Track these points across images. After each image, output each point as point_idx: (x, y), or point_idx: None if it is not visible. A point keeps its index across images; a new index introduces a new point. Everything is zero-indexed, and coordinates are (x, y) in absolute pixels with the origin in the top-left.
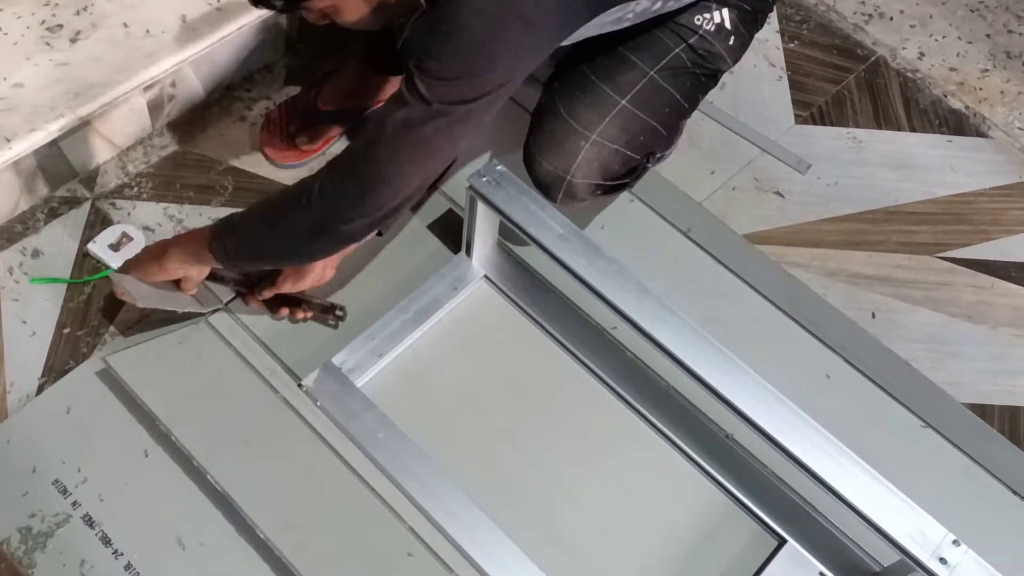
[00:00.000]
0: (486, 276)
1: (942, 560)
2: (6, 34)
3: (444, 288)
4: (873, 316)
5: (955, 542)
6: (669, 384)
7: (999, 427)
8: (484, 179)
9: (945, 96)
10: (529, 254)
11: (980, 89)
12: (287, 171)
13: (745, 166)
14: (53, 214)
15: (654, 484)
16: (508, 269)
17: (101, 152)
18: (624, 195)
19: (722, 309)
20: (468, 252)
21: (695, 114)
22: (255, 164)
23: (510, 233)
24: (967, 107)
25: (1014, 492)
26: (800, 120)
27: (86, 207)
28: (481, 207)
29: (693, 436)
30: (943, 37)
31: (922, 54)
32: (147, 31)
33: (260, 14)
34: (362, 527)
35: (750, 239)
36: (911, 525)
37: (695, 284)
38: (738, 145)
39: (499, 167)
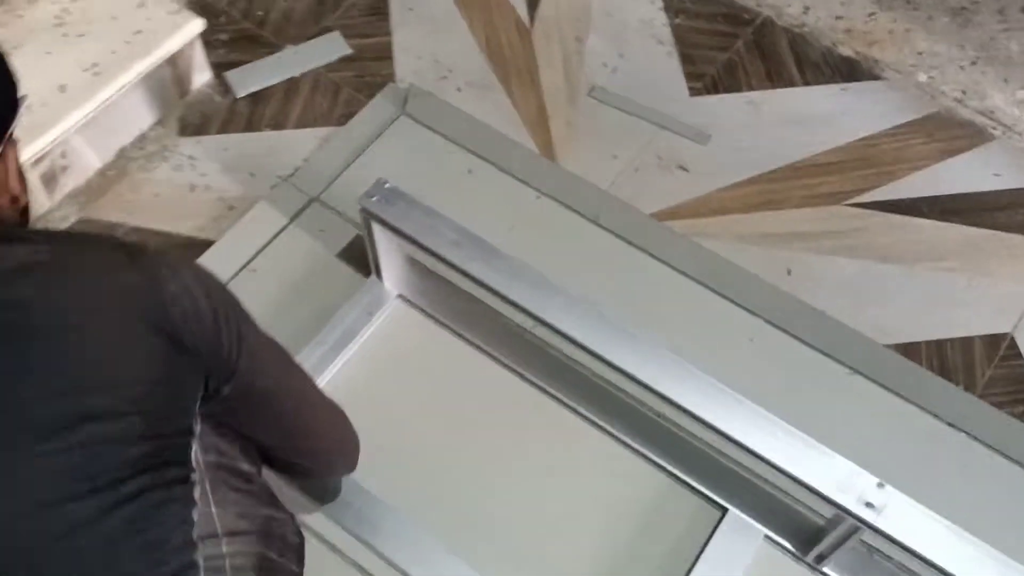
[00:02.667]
0: (400, 296)
1: (869, 505)
2: None
3: (358, 314)
4: (789, 273)
5: (880, 485)
6: (594, 374)
7: (927, 363)
8: (374, 199)
9: (835, 45)
10: (440, 265)
11: (868, 33)
12: (189, 222)
13: (646, 146)
14: None
15: (593, 475)
16: (421, 285)
17: None
18: (531, 193)
19: (640, 290)
20: (378, 274)
21: (592, 103)
22: (158, 221)
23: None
24: (857, 52)
25: (948, 424)
26: (695, 92)
27: None
28: (377, 227)
29: (624, 421)
30: None
31: (807, 8)
32: (27, 106)
33: (139, 71)
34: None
35: (659, 216)
36: (835, 475)
37: (610, 269)
38: (636, 126)
39: (387, 184)
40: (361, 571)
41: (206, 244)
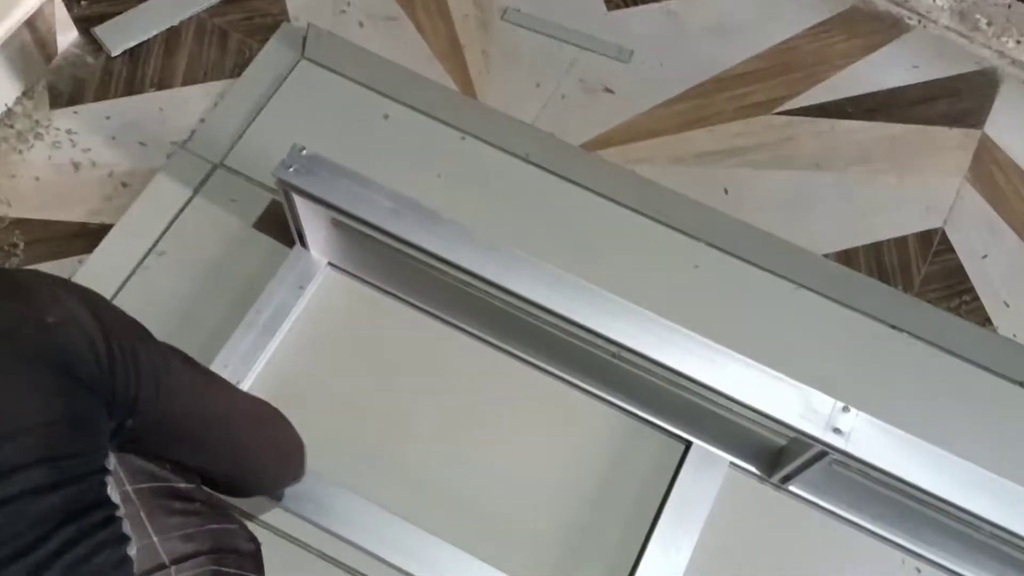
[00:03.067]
0: (330, 264)
1: (836, 431)
2: None
3: (288, 289)
4: (726, 192)
5: (845, 408)
6: (543, 322)
7: (866, 267)
8: (291, 169)
9: None
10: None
11: None
12: (79, 207)
13: (568, 70)
14: None
15: (553, 425)
16: (352, 249)
17: None
18: (455, 135)
19: (579, 226)
20: (303, 244)
21: (507, 27)
22: (43, 209)
23: None
24: None
25: (891, 327)
26: (611, 6)
27: None
28: (299, 199)
29: (579, 367)
30: None
31: None
32: None
33: None
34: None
35: (591, 145)
36: (799, 404)
37: (545, 208)
38: (556, 50)
39: (304, 151)
40: (328, 560)
41: (103, 229)
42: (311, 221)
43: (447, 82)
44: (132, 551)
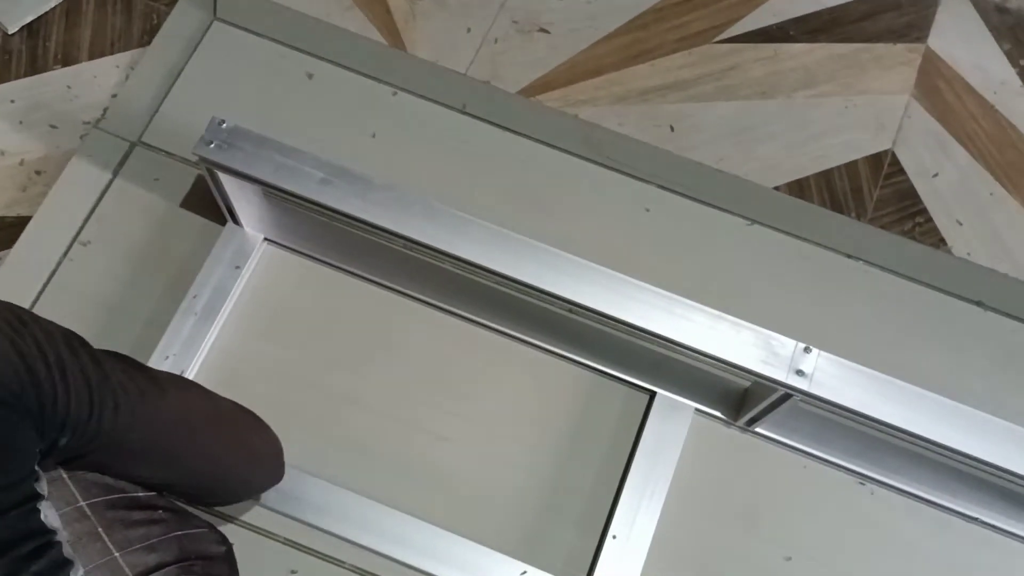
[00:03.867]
0: (267, 239)
1: (799, 372)
2: None
3: (224, 270)
4: (672, 129)
5: (806, 349)
6: (495, 281)
7: (818, 196)
8: (212, 145)
9: None
10: (343, 202)
11: None
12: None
13: (499, 10)
14: None
15: (514, 387)
16: (287, 221)
17: None
18: (386, 90)
19: (524, 177)
20: (235, 220)
21: None
22: None
23: None
24: None
25: (847, 255)
26: None
27: None
28: (223, 177)
29: (535, 325)
30: None
31: None
32: None
33: None
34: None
35: (530, 91)
36: (761, 349)
37: (488, 161)
38: None
39: (224, 124)
40: (304, 550)
41: (20, 223)
42: (241, 197)
43: (372, 33)
44: (78, 574)
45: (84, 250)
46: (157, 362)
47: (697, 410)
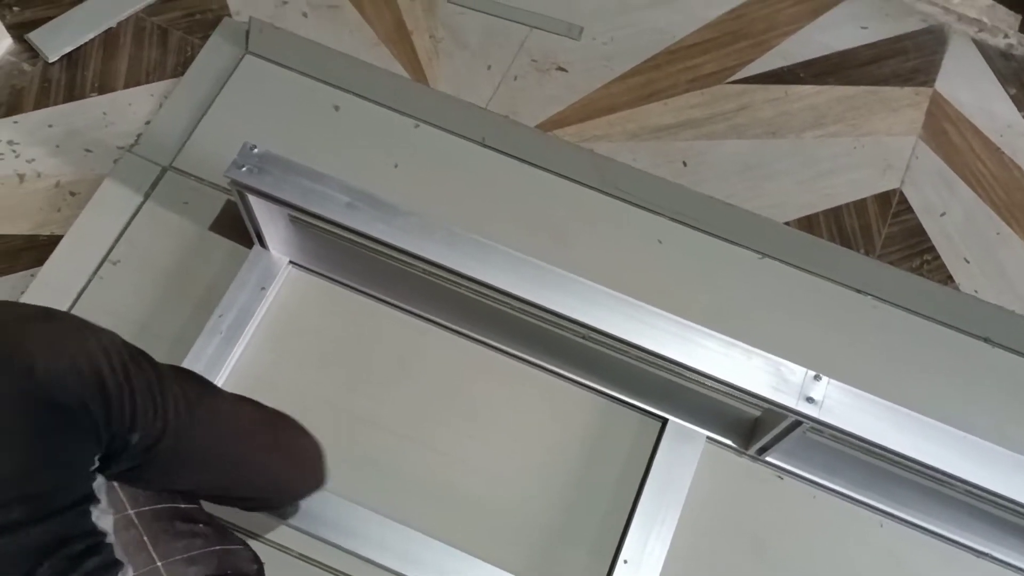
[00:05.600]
0: (291, 262)
1: (810, 400)
2: None
3: (250, 291)
4: (685, 164)
5: (816, 377)
6: (512, 308)
7: (827, 232)
8: (243, 169)
9: None
10: (368, 226)
11: None
12: (26, 220)
13: (519, 50)
14: None
15: (529, 411)
16: (312, 246)
17: None
18: (409, 123)
19: (541, 208)
20: (262, 244)
21: (453, 9)
22: None
23: None
24: None
25: (856, 290)
26: None
27: None
28: (253, 200)
29: (551, 351)
30: None
31: None
32: None
33: None
34: None
35: (547, 125)
36: (771, 376)
37: (506, 192)
38: (505, 30)
39: (256, 150)
40: (319, 565)
41: (53, 241)
42: (268, 220)
43: (396, 68)
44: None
45: (114, 269)
46: None
47: (709, 438)
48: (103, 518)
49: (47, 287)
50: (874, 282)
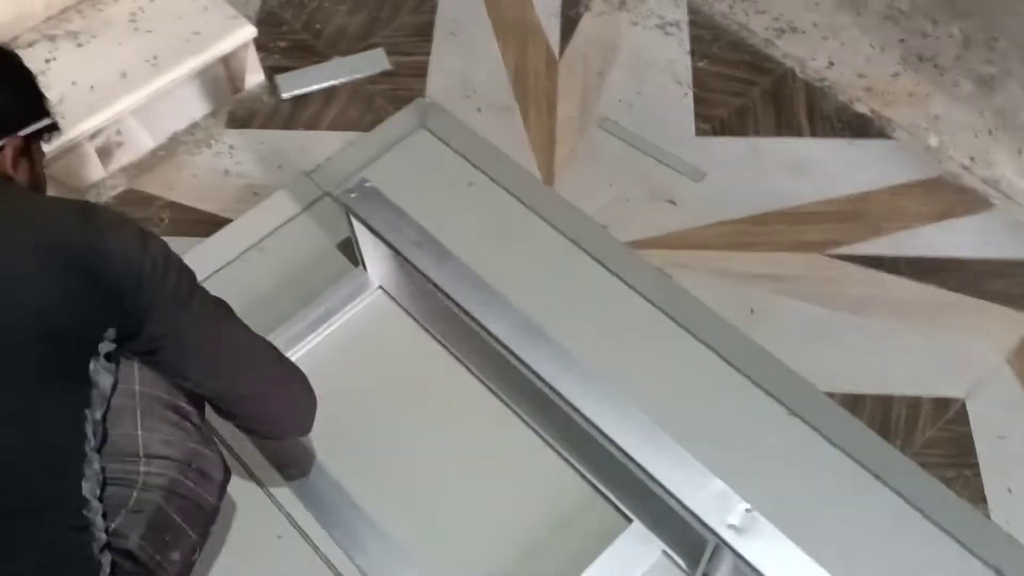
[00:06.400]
0: (381, 287)
1: (732, 527)
2: None
3: (339, 299)
4: (752, 312)
5: (748, 510)
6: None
7: (869, 415)
8: (353, 195)
9: (851, 102)
10: (423, 264)
11: (888, 93)
12: (216, 203)
13: (641, 178)
14: None
15: (522, 474)
16: (400, 279)
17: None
18: (521, 209)
19: (608, 314)
20: (364, 266)
21: (601, 134)
22: (191, 199)
23: None
24: (872, 111)
25: (874, 476)
26: (701, 132)
27: None
28: (354, 220)
29: (557, 429)
30: (854, 45)
31: (831, 63)
32: (91, 87)
33: (192, 66)
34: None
35: (639, 245)
36: (710, 497)
37: (581, 289)
38: (636, 159)
39: (368, 183)
40: (294, 524)
41: (226, 222)
42: (370, 247)
43: (532, 166)
44: (89, 430)
45: (258, 253)
46: None
47: (664, 551)
48: (102, 374)
49: (202, 254)
50: (898, 476)
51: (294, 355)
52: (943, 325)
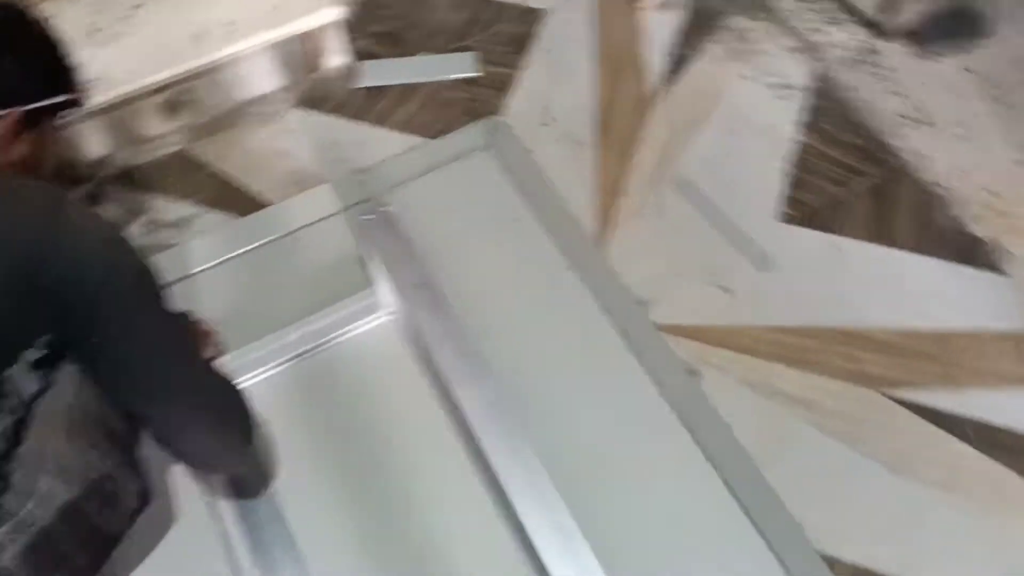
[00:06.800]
0: (388, 314)
1: None
2: None
3: (340, 318)
4: (780, 441)
5: None
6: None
7: None
8: (369, 217)
9: (968, 219)
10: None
11: (1016, 217)
12: (260, 183)
13: (703, 254)
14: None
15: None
16: (404, 310)
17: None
18: (561, 260)
19: (614, 392)
20: (372, 282)
21: (670, 190)
22: (237, 173)
23: None
24: (990, 236)
25: None
26: (786, 218)
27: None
28: (362, 242)
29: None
30: (992, 152)
31: (960, 169)
32: (165, 43)
33: (267, 39)
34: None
35: (677, 331)
36: None
37: (596, 362)
38: (702, 231)
39: (386, 208)
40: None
41: (261, 205)
42: (380, 271)
43: (591, 212)
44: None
45: (280, 248)
46: (245, 351)
47: None
48: (22, 380)
49: (232, 234)
50: None
51: (279, 367)
52: (997, 507)
